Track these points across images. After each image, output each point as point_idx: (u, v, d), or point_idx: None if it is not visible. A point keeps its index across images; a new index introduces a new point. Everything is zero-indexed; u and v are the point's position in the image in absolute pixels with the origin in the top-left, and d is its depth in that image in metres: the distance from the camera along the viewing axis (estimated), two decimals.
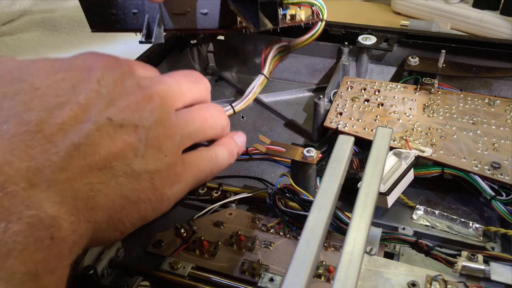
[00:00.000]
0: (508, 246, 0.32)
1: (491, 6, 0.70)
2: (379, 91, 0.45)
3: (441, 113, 0.41)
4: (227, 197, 0.36)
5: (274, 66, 0.46)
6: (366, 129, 0.40)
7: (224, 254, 0.32)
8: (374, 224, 0.32)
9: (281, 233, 0.33)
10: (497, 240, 0.33)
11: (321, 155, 0.37)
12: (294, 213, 0.32)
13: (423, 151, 0.37)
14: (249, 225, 0.34)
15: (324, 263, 0.30)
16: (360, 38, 0.49)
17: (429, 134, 0.39)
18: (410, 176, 0.36)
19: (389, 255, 0.31)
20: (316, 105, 0.42)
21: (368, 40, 0.49)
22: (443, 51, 0.46)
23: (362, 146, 0.39)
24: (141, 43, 0.38)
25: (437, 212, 0.35)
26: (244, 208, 0.37)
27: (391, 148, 0.36)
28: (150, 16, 0.38)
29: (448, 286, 0.26)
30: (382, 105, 0.43)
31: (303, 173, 0.34)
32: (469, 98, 0.43)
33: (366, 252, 0.28)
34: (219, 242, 0.32)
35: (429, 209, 0.35)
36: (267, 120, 0.49)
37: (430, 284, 0.26)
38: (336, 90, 0.46)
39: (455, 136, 0.38)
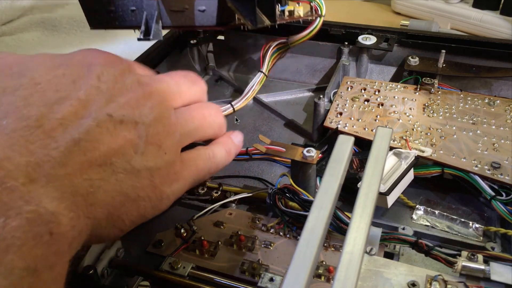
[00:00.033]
0: (508, 246, 0.32)
1: (491, 6, 0.70)
2: (379, 91, 0.45)
3: (441, 113, 0.41)
4: (227, 197, 0.36)
5: (273, 63, 0.46)
6: (366, 129, 0.40)
7: (224, 254, 0.32)
8: (374, 224, 0.32)
9: (281, 233, 0.33)
10: (497, 240, 0.33)
11: (321, 155, 0.37)
12: (294, 213, 0.32)
13: (423, 151, 0.37)
14: (249, 225, 0.34)
15: (324, 263, 0.30)
16: (360, 38, 0.49)
17: (429, 134, 0.39)
18: (410, 176, 0.36)
19: (389, 255, 0.31)
20: (316, 105, 0.42)
21: (368, 40, 0.49)
22: (443, 51, 0.46)
23: (362, 146, 0.39)
24: (140, 40, 0.38)
25: (437, 212, 0.35)
26: (244, 208, 0.37)
27: (391, 148, 0.36)
28: (148, 13, 0.38)
29: (448, 286, 0.26)
30: (382, 105, 0.43)
31: (303, 173, 0.34)
32: (469, 98, 0.43)
33: (366, 252, 0.28)
34: (219, 242, 0.32)
35: (429, 209, 0.35)
36: (267, 120, 0.49)
37: (430, 284, 0.26)
38: (336, 90, 0.46)
39: (455, 136, 0.38)
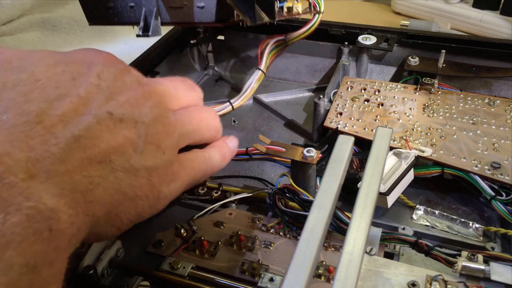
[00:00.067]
0: (508, 246, 0.32)
1: (491, 6, 0.70)
2: (379, 91, 0.45)
3: (441, 113, 0.41)
4: (227, 197, 0.36)
5: (271, 60, 0.46)
6: (366, 129, 0.40)
7: (224, 254, 0.32)
8: (374, 224, 0.32)
9: (281, 233, 0.33)
10: (497, 240, 0.33)
11: (321, 155, 0.37)
12: (294, 213, 0.32)
13: (423, 151, 0.37)
14: (249, 225, 0.34)
15: (324, 263, 0.30)
16: (360, 38, 0.49)
17: (429, 134, 0.39)
18: (410, 176, 0.36)
19: (389, 255, 0.31)
20: (316, 105, 0.42)
21: (368, 40, 0.49)
22: (443, 51, 0.46)
23: (362, 146, 0.39)
24: (138, 36, 0.38)
25: (437, 212, 0.35)
26: (244, 208, 0.37)
27: (391, 148, 0.36)
28: (147, 10, 0.38)
29: (448, 286, 0.26)
30: (382, 105, 0.43)
31: (303, 173, 0.34)
32: (469, 98, 0.43)
33: (366, 252, 0.28)
34: (219, 242, 0.32)
35: (429, 209, 0.35)
36: (267, 120, 0.49)
37: (430, 284, 0.26)
38: (336, 90, 0.46)
39: (455, 136, 0.38)
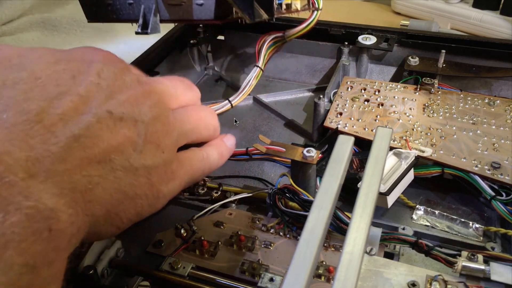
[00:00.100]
0: (508, 246, 0.32)
1: (491, 6, 0.70)
2: (379, 91, 0.45)
3: (441, 113, 0.41)
4: (227, 197, 0.36)
5: (268, 57, 0.46)
6: (366, 129, 0.40)
7: (224, 254, 0.32)
8: (374, 224, 0.32)
9: (281, 233, 0.33)
10: (497, 240, 0.33)
11: (321, 155, 0.37)
12: (294, 213, 0.32)
13: (423, 151, 0.37)
14: (249, 225, 0.34)
15: (324, 263, 0.30)
16: (360, 38, 0.49)
17: (429, 134, 0.39)
18: (410, 176, 0.36)
19: (389, 255, 0.31)
20: (316, 105, 0.42)
21: (368, 40, 0.49)
22: (443, 51, 0.46)
23: (362, 146, 0.39)
24: (137, 33, 0.38)
25: (437, 212, 0.35)
26: (244, 208, 0.37)
27: (391, 148, 0.36)
28: (146, 7, 0.38)
29: (448, 286, 0.26)
30: (382, 105, 0.43)
31: (303, 173, 0.34)
32: (469, 98, 0.43)
33: (366, 252, 0.28)
34: (219, 242, 0.32)
35: (429, 209, 0.35)
36: (267, 120, 0.49)
37: (430, 284, 0.26)
38: (336, 90, 0.46)
39: (455, 136, 0.38)
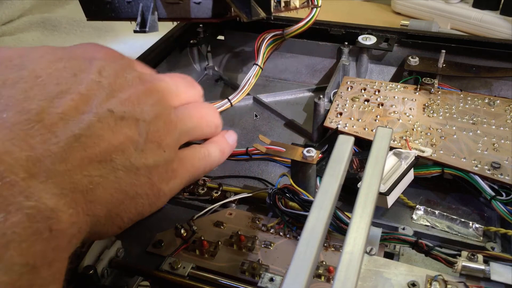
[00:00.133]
0: (508, 246, 0.32)
1: (491, 6, 0.70)
2: (379, 91, 0.45)
3: (441, 113, 0.41)
4: (227, 197, 0.36)
5: (267, 55, 0.46)
6: (366, 129, 0.40)
7: (224, 254, 0.32)
8: (374, 224, 0.32)
9: (281, 233, 0.33)
10: (497, 240, 0.33)
11: (321, 155, 0.37)
12: (294, 213, 0.32)
13: (423, 151, 0.37)
14: (249, 225, 0.34)
15: (324, 263, 0.30)
16: (360, 38, 0.49)
17: (429, 134, 0.39)
18: (410, 176, 0.36)
19: (389, 255, 0.31)
20: (316, 105, 0.42)
21: (368, 40, 0.49)
22: (443, 51, 0.46)
23: (362, 146, 0.39)
24: (136, 32, 0.38)
25: (437, 212, 0.35)
26: (244, 208, 0.37)
27: (391, 148, 0.36)
28: (144, 5, 0.38)
29: (448, 286, 0.26)
30: (382, 105, 0.43)
31: (303, 173, 0.34)
32: (469, 98, 0.43)
33: (366, 252, 0.28)
34: (219, 242, 0.32)
35: (429, 209, 0.35)
36: (267, 120, 0.49)
37: (430, 284, 0.26)
38: (336, 90, 0.46)
39: (455, 136, 0.38)
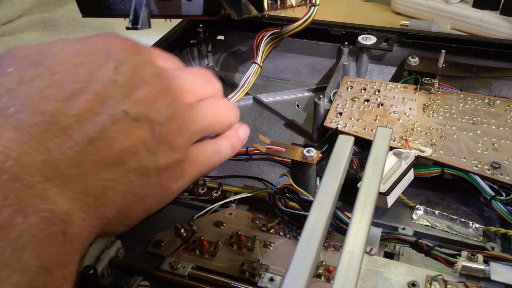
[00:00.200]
0: (508, 246, 0.32)
1: (491, 6, 0.70)
2: (379, 91, 0.45)
3: (441, 113, 0.41)
4: (227, 197, 0.36)
5: (266, 53, 0.45)
6: (366, 129, 0.40)
7: (224, 254, 0.32)
8: (374, 224, 0.32)
9: (281, 233, 0.33)
10: (497, 240, 0.33)
11: (321, 155, 0.37)
12: (294, 213, 0.32)
13: (423, 151, 0.37)
14: (249, 225, 0.34)
15: (324, 263, 0.30)
16: (360, 38, 0.49)
17: (429, 134, 0.39)
18: (410, 176, 0.36)
19: (389, 255, 0.31)
20: (316, 105, 0.42)
21: (368, 40, 0.49)
22: (443, 51, 0.46)
23: (362, 146, 0.39)
24: (128, 29, 0.38)
25: (437, 212, 0.35)
26: (244, 208, 0.37)
27: (391, 148, 0.36)
28: (136, 2, 0.38)
29: (448, 286, 0.26)
30: (382, 105, 0.43)
31: (303, 173, 0.34)
32: (469, 98, 0.43)
33: (366, 252, 0.28)
34: (219, 242, 0.32)
35: (429, 209, 0.35)
36: (267, 120, 0.49)
37: (430, 284, 0.26)
38: (336, 90, 0.46)
39: (455, 136, 0.38)
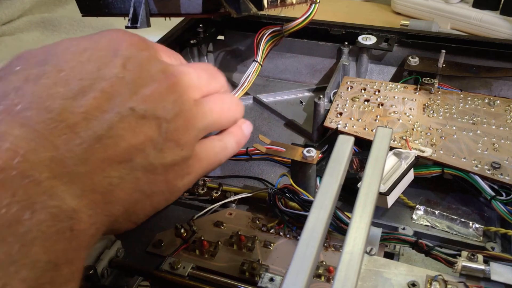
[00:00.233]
0: (508, 246, 0.32)
1: (491, 6, 0.70)
2: (379, 91, 0.45)
3: (441, 113, 0.41)
4: (227, 197, 0.36)
5: (267, 52, 0.45)
6: (366, 129, 0.40)
7: (224, 254, 0.32)
8: (374, 224, 0.32)
9: (281, 233, 0.33)
10: (497, 240, 0.33)
11: (321, 155, 0.37)
12: (294, 213, 0.32)
13: (423, 151, 0.37)
14: (249, 225, 0.34)
15: (324, 263, 0.30)
16: (360, 38, 0.49)
17: (429, 134, 0.39)
18: (410, 176, 0.36)
19: (389, 255, 0.31)
20: (316, 105, 0.42)
21: (368, 40, 0.49)
22: (443, 51, 0.46)
23: (362, 146, 0.39)
24: (127, 28, 0.38)
25: (437, 212, 0.35)
26: (244, 208, 0.37)
27: (391, 148, 0.36)
28: (136, 1, 0.38)
29: (448, 286, 0.26)
30: (382, 105, 0.43)
31: (303, 173, 0.34)
32: (469, 98, 0.43)
33: (366, 252, 0.28)
34: (219, 242, 0.32)
35: (429, 209, 0.35)
36: (267, 120, 0.49)
37: (430, 284, 0.26)
38: (336, 90, 0.46)
39: (455, 136, 0.38)
